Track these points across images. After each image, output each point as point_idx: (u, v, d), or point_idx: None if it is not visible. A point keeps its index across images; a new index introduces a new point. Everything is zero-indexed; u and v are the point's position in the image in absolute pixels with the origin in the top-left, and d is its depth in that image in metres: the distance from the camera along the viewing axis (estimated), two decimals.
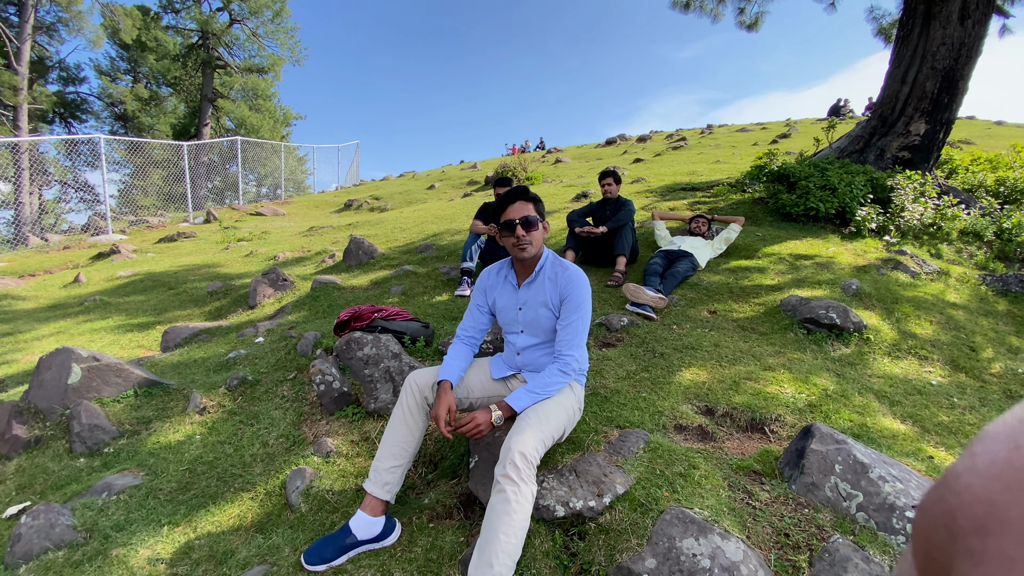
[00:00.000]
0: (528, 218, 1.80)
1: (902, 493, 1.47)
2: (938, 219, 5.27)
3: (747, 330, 3.24)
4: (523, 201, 1.85)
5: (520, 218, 1.80)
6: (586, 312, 1.79)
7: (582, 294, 1.79)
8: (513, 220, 1.80)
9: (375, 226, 8.41)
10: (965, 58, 5.84)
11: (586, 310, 1.79)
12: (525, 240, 1.80)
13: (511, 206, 1.84)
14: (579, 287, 1.80)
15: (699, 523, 1.46)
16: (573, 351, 1.75)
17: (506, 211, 1.84)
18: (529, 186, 12.26)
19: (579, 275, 1.83)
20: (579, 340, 1.77)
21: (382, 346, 2.56)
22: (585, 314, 1.79)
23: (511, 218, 1.81)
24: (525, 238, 1.80)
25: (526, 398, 1.67)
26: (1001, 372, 2.86)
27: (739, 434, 2.16)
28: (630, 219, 4.42)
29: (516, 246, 1.82)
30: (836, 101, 20.45)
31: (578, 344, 1.76)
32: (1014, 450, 0.20)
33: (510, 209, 1.83)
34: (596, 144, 21.95)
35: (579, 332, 1.77)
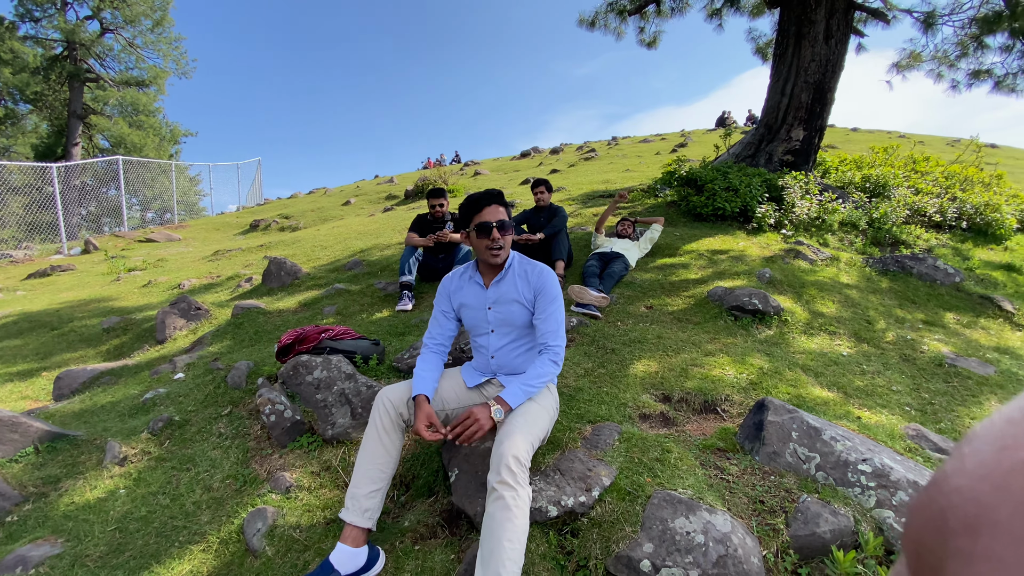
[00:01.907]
0: (504, 222, 1.80)
1: (852, 450, 1.65)
2: (822, 213, 6.00)
3: (683, 321, 3.46)
4: (497, 205, 1.84)
5: (496, 221, 1.79)
6: (561, 303, 1.81)
7: (556, 286, 1.82)
8: (489, 223, 1.78)
9: (291, 246, 7.91)
10: (831, 72, 6.74)
11: (561, 301, 1.81)
12: (499, 243, 1.79)
13: (486, 209, 1.82)
14: (552, 280, 1.82)
15: (686, 502, 1.53)
16: (559, 340, 1.76)
17: (481, 213, 1.82)
18: (453, 197, 12.17)
19: (549, 269, 1.85)
20: (561, 330, 1.78)
21: (334, 368, 2.40)
22: (561, 305, 1.81)
23: (487, 221, 1.79)
24: (500, 241, 1.79)
25: (520, 392, 1.66)
26: (895, 339, 3.30)
27: (696, 416, 2.29)
28: (564, 225, 4.55)
29: (490, 249, 1.80)
30: (721, 113, 22.67)
31: (561, 335, 1.78)
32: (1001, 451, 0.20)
33: (486, 212, 1.81)
34: (512, 157, 22.43)
35: (560, 322, 1.78)
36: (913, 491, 1.50)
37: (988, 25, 6.61)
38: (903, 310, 3.80)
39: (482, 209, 1.80)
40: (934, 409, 2.50)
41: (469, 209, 1.84)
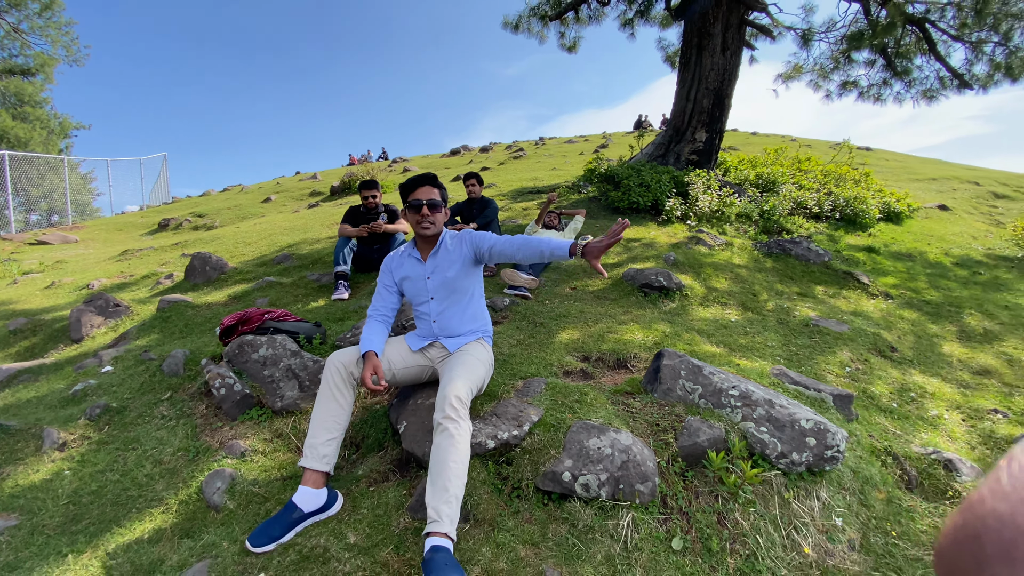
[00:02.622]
0: (433, 200, 2.04)
1: (725, 380, 2.08)
2: (721, 206, 6.76)
3: (601, 298, 3.88)
4: (430, 186, 2.09)
5: (427, 199, 2.04)
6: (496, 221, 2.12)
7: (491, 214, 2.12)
8: (420, 200, 2.02)
9: (210, 243, 7.58)
10: (728, 81, 7.57)
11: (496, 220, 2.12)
12: (429, 219, 2.04)
13: (420, 188, 2.06)
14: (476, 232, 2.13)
15: (598, 427, 1.87)
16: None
17: (414, 192, 2.06)
18: (383, 193, 12.08)
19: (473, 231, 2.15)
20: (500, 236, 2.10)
21: (279, 346, 2.52)
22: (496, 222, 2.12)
23: (418, 199, 2.04)
24: (429, 217, 2.04)
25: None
26: (774, 308, 3.92)
27: (610, 372, 2.67)
28: (495, 215, 4.85)
29: (420, 224, 2.04)
30: (638, 116, 24.10)
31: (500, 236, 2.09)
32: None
33: (419, 191, 2.06)
34: (441, 154, 22.45)
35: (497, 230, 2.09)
36: (768, 407, 1.94)
37: (855, 42, 7.73)
38: (782, 284, 4.48)
39: (416, 189, 2.05)
40: (799, 358, 3.07)
41: (405, 189, 2.08)
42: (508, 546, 1.59)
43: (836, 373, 2.93)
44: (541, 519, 1.70)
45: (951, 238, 7.05)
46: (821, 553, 1.64)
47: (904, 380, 2.95)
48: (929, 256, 6.03)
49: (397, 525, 1.70)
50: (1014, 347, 3.63)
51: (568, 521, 1.67)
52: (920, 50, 7.49)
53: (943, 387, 2.92)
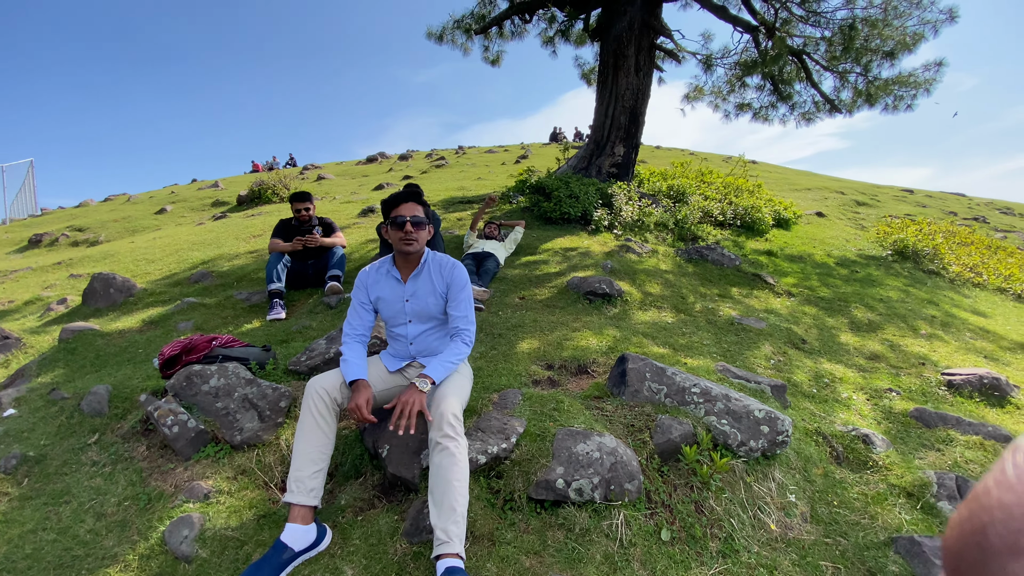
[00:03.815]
0: (417, 217, 2.03)
1: (686, 379, 2.27)
2: (641, 216, 7.26)
3: (551, 307, 4.02)
4: (414, 203, 2.06)
5: (411, 216, 2.02)
6: (470, 293, 2.11)
7: (464, 277, 2.11)
8: (404, 217, 2.00)
9: (102, 262, 6.73)
10: (642, 99, 8.15)
11: (470, 291, 2.11)
12: (412, 236, 2.02)
13: (403, 205, 2.03)
14: (462, 272, 2.11)
15: (582, 433, 1.96)
16: (470, 325, 2.04)
17: (397, 208, 2.02)
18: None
19: (460, 265, 2.14)
20: (471, 316, 2.07)
21: (231, 375, 2.33)
22: (470, 294, 2.10)
23: (402, 215, 2.01)
24: (413, 234, 2.02)
25: (442, 368, 1.88)
26: (701, 309, 4.31)
27: (574, 378, 2.79)
28: (438, 227, 4.84)
29: (403, 241, 2.02)
30: (554, 129, 25.08)
31: (471, 319, 2.06)
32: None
33: (402, 207, 2.02)
34: (357, 161, 21.73)
35: (470, 308, 2.07)
36: (726, 401, 2.16)
37: (747, 69, 8.69)
38: (704, 287, 4.93)
39: (399, 205, 2.02)
40: (731, 354, 3.40)
41: (388, 205, 2.05)
42: (512, 558, 1.63)
43: (764, 365, 3.30)
44: (538, 528, 1.75)
45: (830, 241, 8.14)
46: (782, 527, 1.86)
47: (817, 368, 3.39)
48: (816, 257, 6.93)
49: (395, 552, 1.67)
50: (892, 334, 4.31)
51: (564, 526, 1.74)
52: (799, 78, 8.61)
53: (847, 372, 3.40)
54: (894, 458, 2.34)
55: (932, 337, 4.38)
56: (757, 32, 8.21)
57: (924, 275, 6.61)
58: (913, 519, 1.95)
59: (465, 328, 2.04)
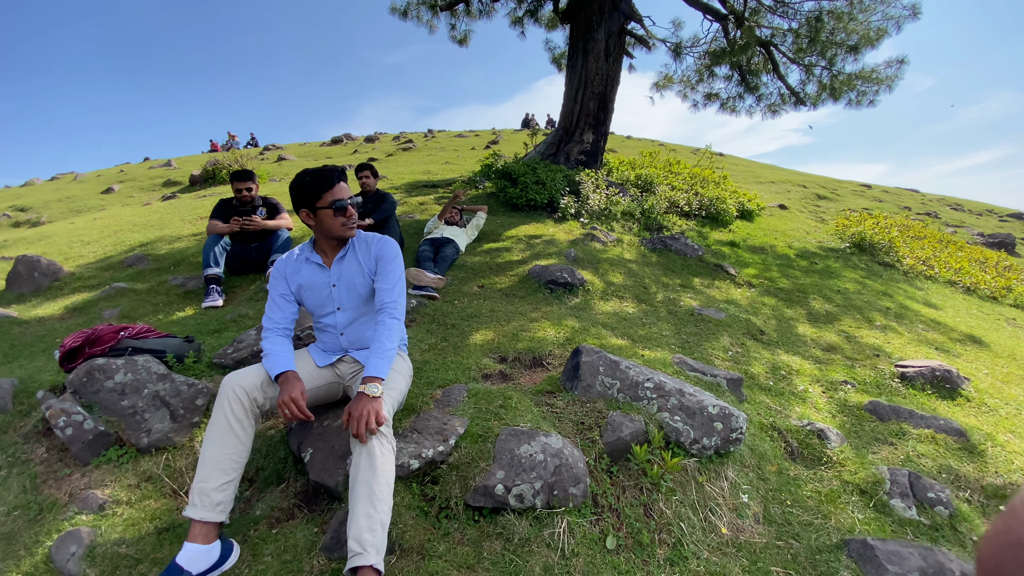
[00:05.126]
0: (352, 199, 1.83)
1: (640, 373, 2.15)
2: (608, 204, 7.16)
3: (510, 296, 3.86)
4: (344, 182, 1.85)
5: (349, 199, 1.81)
6: (400, 264, 1.91)
7: (395, 250, 1.91)
8: (344, 201, 1.79)
9: (38, 243, 6.20)
10: (611, 86, 8.02)
11: (400, 263, 1.91)
12: (354, 220, 1.82)
13: (339, 185, 1.82)
14: (391, 245, 1.92)
15: (527, 433, 1.82)
16: (395, 296, 1.83)
17: (333, 191, 1.81)
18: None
19: (388, 239, 1.95)
20: (400, 287, 1.86)
21: (141, 369, 2.08)
22: (400, 266, 1.90)
23: (341, 198, 1.80)
24: (355, 218, 1.83)
25: (382, 361, 1.66)
26: (663, 299, 4.23)
27: (528, 371, 2.65)
28: (393, 211, 4.59)
29: (346, 225, 1.82)
30: (526, 115, 24.76)
31: (399, 291, 1.85)
32: None
33: (337, 189, 1.81)
34: (322, 142, 20.96)
35: (398, 280, 1.86)
36: (680, 396, 2.05)
37: (716, 58, 8.64)
38: (667, 277, 4.86)
39: (335, 185, 1.81)
40: (690, 345, 3.33)
41: (319, 185, 1.82)
42: (441, 574, 1.47)
43: (721, 357, 3.24)
44: (474, 538, 1.60)
45: (791, 233, 8.26)
46: (734, 530, 1.77)
47: (774, 360, 3.36)
48: (778, 249, 6.99)
49: (310, 570, 1.49)
50: (848, 326, 4.34)
51: (503, 536, 1.60)
52: (767, 69, 8.63)
53: (804, 364, 3.37)
54: (848, 453, 2.30)
55: (886, 328, 4.44)
56: (727, 21, 8.16)
57: (880, 267, 6.76)
58: (866, 518, 1.89)
59: (390, 300, 1.82)
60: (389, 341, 1.72)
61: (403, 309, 1.83)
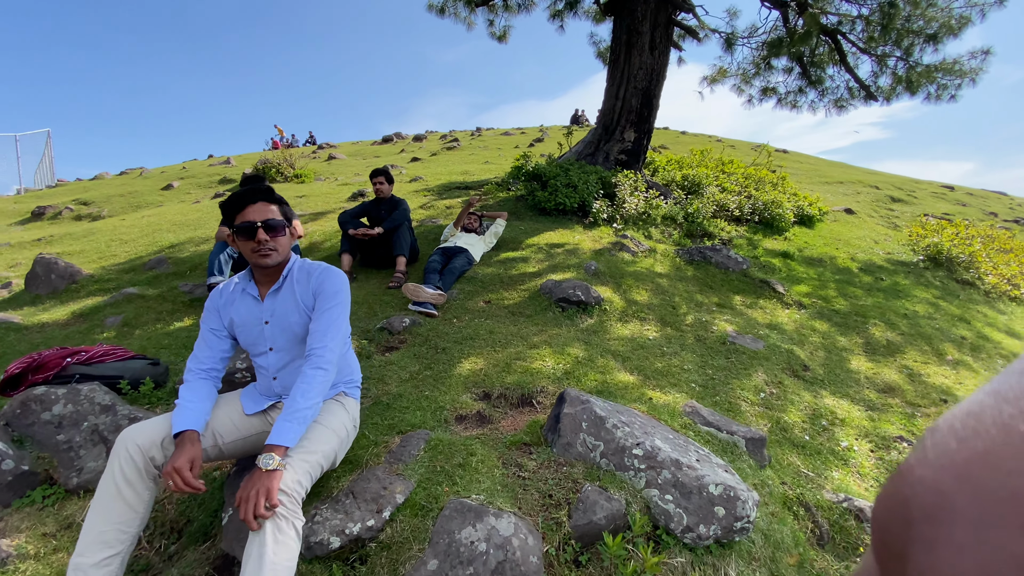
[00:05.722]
0: (271, 222, 1.59)
1: (629, 435, 1.80)
2: (647, 208, 6.67)
3: (516, 315, 3.55)
4: (264, 202, 1.63)
5: (262, 220, 1.58)
6: (342, 303, 1.65)
7: (337, 285, 1.66)
8: (253, 223, 1.57)
9: (82, 239, 6.52)
10: (656, 80, 7.48)
11: (342, 302, 1.65)
12: (268, 246, 1.59)
13: (250, 207, 1.60)
14: (334, 278, 1.67)
15: (476, 509, 1.52)
16: (326, 342, 1.57)
17: (243, 212, 1.60)
18: (299, 183, 11.24)
19: (335, 270, 1.70)
20: (334, 331, 1.60)
21: (84, 399, 1.96)
22: (341, 305, 1.64)
23: (250, 220, 1.58)
24: (269, 244, 1.59)
25: (290, 425, 1.42)
26: (692, 322, 3.78)
27: (512, 411, 2.34)
28: (406, 218, 4.39)
29: (257, 252, 1.59)
30: (575, 111, 24.14)
31: (331, 336, 1.59)
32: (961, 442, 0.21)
33: (249, 210, 1.60)
34: (373, 141, 21.40)
35: (334, 322, 1.61)
36: (675, 469, 1.68)
37: (774, 49, 7.88)
38: (702, 295, 4.38)
39: (244, 207, 1.59)
40: (714, 384, 2.89)
41: (230, 207, 1.62)
42: None
43: (751, 400, 2.78)
44: None
45: (856, 242, 7.41)
46: None
47: (816, 404, 2.86)
48: (838, 261, 6.25)
49: None
50: (914, 360, 3.71)
51: None
52: (832, 60, 7.77)
53: (852, 411, 2.86)
54: None
55: (959, 364, 3.77)
56: (787, 8, 7.40)
57: (957, 286, 5.89)
58: None
59: (318, 347, 1.56)
60: (304, 399, 1.47)
61: (331, 358, 1.58)
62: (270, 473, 1.29)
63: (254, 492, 1.25)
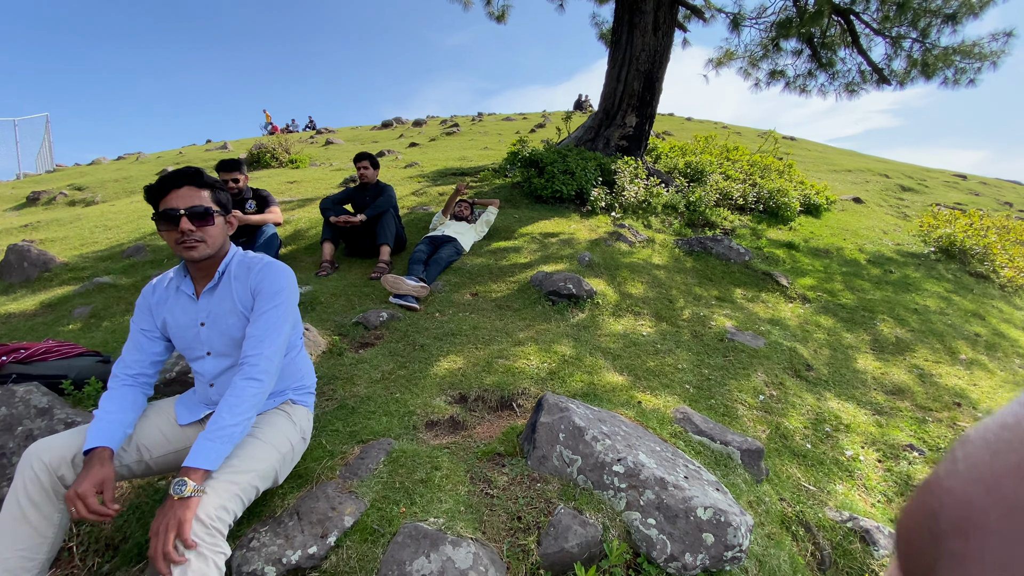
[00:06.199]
0: (196, 208, 1.40)
1: (609, 449, 1.62)
2: (647, 196, 6.43)
3: (503, 308, 3.37)
4: (192, 186, 1.44)
5: (187, 207, 1.40)
6: (284, 304, 1.47)
7: (279, 283, 1.48)
8: (176, 210, 1.38)
9: (68, 225, 6.36)
10: (659, 63, 7.19)
11: (284, 302, 1.47)
12: (194, 236, 1.40)
13: (174, 192, 1.42)
14: (276, 274, 1.49)
15: (432, 535, 1.35)
16: (262, 348, 1.39)
17: (166, 198, 1.42)
18: (293, 168, 11.00)
19: (278, 265, 1.52)
20: (273, 335, 1.42)
21: (19, 402, 1.80)
22: (282, 306, 1.46)
23: (173, 207, 1.40)
24: (194, 234, 1.40)
25: (212, 445, 1.24)
26: (690, 317, 3.59)
27: (490, 415, 2.17)
28: (391, 205, 4.19)
29: (181, 244, 1.41)
30: (579, 96, 23.68)
31: (269, 340, 1.41)
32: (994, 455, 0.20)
33: (172, 196, 1.41)
34: (372, 126, 21.11)
35: (273, 326, 1.43)
36: (659, 489, 1.51)
37: (783, 30, 7.55)
38: (701, 288, 4.18)
39: (168, 193, 1.40)
40: (709, 385, 2.71)
41: (153, 194, 1.43)
42: None
43: (749, 404, 2.60)
44: None
45: (864, 232, 7.16)
46: None
47: (819, 408, 2.68)
48: (845, 252, 6.02)
49: None
50: (924, 359, 3.51)
51: None
52: (844, 43, 7.44)
53: (858, 415, 2.67)
54: None
55: (973, 364, 3.57)
56: None
57: (971, 279, 5.66)
58: None
59: (254, 355, 1.38)
60: (232, 414, 1.29)
61: (269, 367, 1.40)
62: (183, 502, 1.12)
63: (163, 527, 1.08)
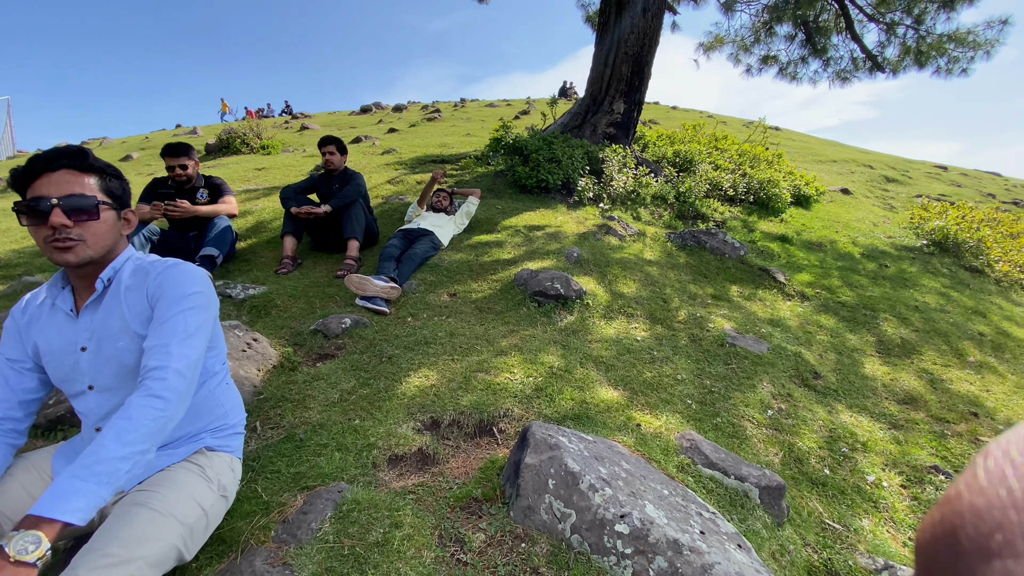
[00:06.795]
0: (74, 199, 1.05)
1: (611, 501, 1.32)
2: (636, 186, 6.14)
3: (484, 311, 3.05)
4: (71, 171, 1.08)
5: (60, 197, 1.04)
6: (196, 308, 1.14)
7: (185, 287, 1.14)
8: (45, 199, 1.03)
9: (12, 217, 5.82)
10: (648, 46, 6.86)
11: (195, 306, 1.14)
12: (68, 234, 1.05)
13: (45, 177, 1.07)
14: (181, 280, 1.15)
15: None
16: (169, 361, 1.06)
17: (35, 184, 1.06)
18: (264, 155, 10.43)
19: (186, 267, 1.19)
20: (182, 344, 1.09)
21: None
22: (194, 310, 1.13)
23: (42, 195, 1.04)
24: (69, 231, 1.05)
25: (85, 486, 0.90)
26: (686, 318, 3.31)
27: (466, 444, 1.85)
28: (360, 194, 3.81)
29: (51, 243, 1.05)
30: (564, 83, 23.24)
31: (175, 347, 1.08)
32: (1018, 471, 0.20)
33: (43, 182, 1.06)
34: (350, 111, 20.40)
35: (181, 330, 1.10)
36: (673, 555, 1.21)
37: (777, 13, 7.29)
38: (696, 285, 3.91)
39: (38, 177, 1.05)
40: (713, 399, 2.44)
41: (21, 179, 1.07)
42: None
43: (757, 421, 2.34)
44: None
45: (855, 224, 7.00)
46: None
47: (832, 423, 2.43)
48: (839, 246, 5.83)
49: None
50: (932, 362, 3.30)
51: None
52: (838, 28, 7.21)
53: (874, 430, 2.43)
54: None
55: (983, 367, 3.38)
56: None
57: (967, 274, 5.52)
58: None
59: (157, 367, 1.06)
60: (119, 444, 0.95)
61: (181, 383, 1.06)
62: (21, 569, 0.79)
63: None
